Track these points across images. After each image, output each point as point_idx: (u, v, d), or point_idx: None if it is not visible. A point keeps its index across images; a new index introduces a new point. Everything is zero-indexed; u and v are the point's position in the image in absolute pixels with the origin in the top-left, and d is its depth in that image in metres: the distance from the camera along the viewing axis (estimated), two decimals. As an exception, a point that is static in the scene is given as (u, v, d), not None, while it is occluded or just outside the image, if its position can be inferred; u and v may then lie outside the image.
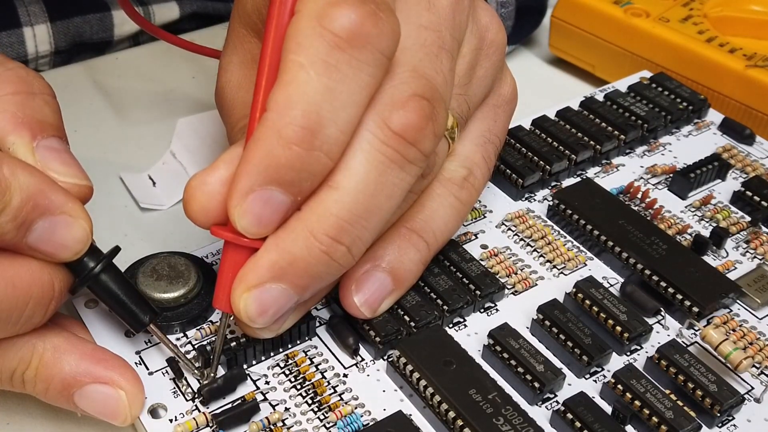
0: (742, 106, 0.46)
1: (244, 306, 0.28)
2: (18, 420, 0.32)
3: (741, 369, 0.32)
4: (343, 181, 0.27)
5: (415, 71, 0.28)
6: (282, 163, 0.26)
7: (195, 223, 0.29)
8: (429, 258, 0.33)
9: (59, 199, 0.27)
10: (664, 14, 0.49)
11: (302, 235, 0.27)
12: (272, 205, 0.27)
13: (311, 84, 0.26)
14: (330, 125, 0.26)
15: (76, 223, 0.28)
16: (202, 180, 0.28)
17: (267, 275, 0.28)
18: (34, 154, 0.28)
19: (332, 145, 0.27)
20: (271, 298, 0.28)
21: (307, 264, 0.27)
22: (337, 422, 0.30)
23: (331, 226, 0.27)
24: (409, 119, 0.28)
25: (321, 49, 0.26)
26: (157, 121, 0.47)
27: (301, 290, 0.28)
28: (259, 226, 0.27)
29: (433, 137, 0.28)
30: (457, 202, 0.34)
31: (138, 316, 0.30)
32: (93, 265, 0.29)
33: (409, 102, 0.28)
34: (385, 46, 0.27)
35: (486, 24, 0.34)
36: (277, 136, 0.26)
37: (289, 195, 0.27)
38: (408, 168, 0.28)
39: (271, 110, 0.26)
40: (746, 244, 0.38)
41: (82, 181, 0.29)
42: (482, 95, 0.35)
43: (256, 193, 0.26)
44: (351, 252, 0.28)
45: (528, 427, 0.29)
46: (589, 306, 0.34)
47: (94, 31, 0.52)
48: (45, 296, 0.28)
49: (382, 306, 0.32)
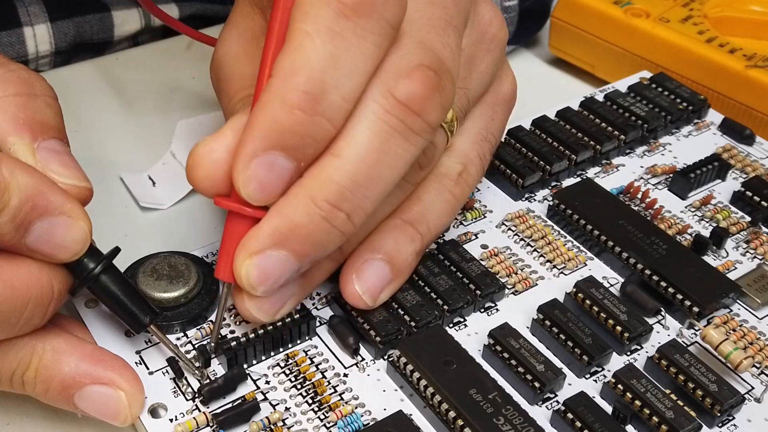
0: (742, 106, 0.46)
1: (245, 273, 0.28)
2: (18, 420, 0.32)
3: (741, 369, 0.32)
4: (345, 148, 0.27)
5: (422, 43, 0.28)
6: (285, 128, 0.26)
7: (199, 190, 0.29)
8: (423, 250, 0.33)
9: (58, 199, 0.27)
10: (664, 14, 0.49)
11: (303, 201, 0.27)
12: (276, 171, 0.27)
13: (316, 51, 0.26)
14: (333, 92, 0.26)
15: (75, 224, 0.28)
16: (209, 147, 0.28)
17: (268, 241, 0.28)
18: (35, 156, 0.28)
19: (335, 112, 0.27)
20: (272, 265, 0.28)
21: (308, 230, 0.28)
22: (337, 422, 0.30)
23: (331, 193, 0.27)
24: (414, 88, 0.28)
25: (327, 17, 0.26)
26: (157, 121, 0.47)
27: (302, 257, 0.28)
28: (263, 193, 0.27)
29: (440, 108, 0.28)
30: (451, 197, 0.34)
31: (138, 317, 0.30)
32: (93, 266, 0.29)
33: (414, 72, 0.28)
34: (390, 16, 0.27)
35: (489, 19, 0.35)
36: (280, 101, 0.26)
37: (293, 161, 0.27)
38: (412, 139, 0.28)
39: (275, 76, 0.26)
40: (746, 244, 0.38)
41: (82, 182, 0.29)
42: (482, 90, 0.35)
43: (260, 158, 0.27)
44: (351, 220, 0.28)
45: (528, 426, 0.29)
46: (590, 306, 0.34)
47: (94, 31, 0.52)
48: (44, 298, 0.28)
49: (382, 295, 0.32)
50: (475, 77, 0.34)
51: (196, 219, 0.41)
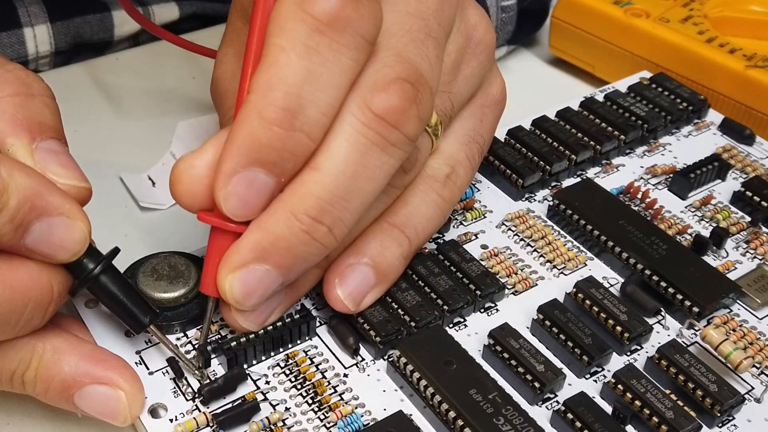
0: (742, 106, 0.46)
1: (229, 287, 0.28)
2: (18, 421, 0.32)
3: (741, 369, 0.32)
4: (324, 162, 0.27)
5: (399, 56, 0.29)
6: (264, 144, 0.26)
7: (181, 205, 0.29)
8: (411, 254, 0.33)
9: (57, 200, 0.27)
10: (664, 14, 0.49)
11: (283, 215, 0.27)
12: (256, 187, 0.27)
13: (291, 66, 0.26)
14: (310, 107, 0.27)
15: (74, 225, 0.28)
16: (189, 163, 0.28)
17: (250, 255, 0.28)
18: (33, 156, 0.28)
19: (313, 127, 0.27)
20: (255, 279, 0.28)
21: (289, 244, 0.28)
22: (337, 422, 0.30)
23: (311, 206, 0.27)
24: (391, 101, 0.28)
25: (302, 33, 0.26)
26: (157, 122, 0.47)
27: (285, 271, 0.28)
28: (244, 209, 0.28)
29: (417, 120, 0.28)
30: (439, 199, 0.34)
31: (138, 317, 0.30)
32: (92, 266, 0.29)
33: (391, 85, 0.28)
34: (365, 31, 0.27)
35: (474, 23, 0.34)
36: (258, 117, 0.26)
37: (273, 176, 0.27)
38: (391, 151, 0.28)
39: (252, 92, 0.27)
40: (746, 245, 0.38)
41: (81, 182, 0.29)
42: (468, 94, 0.35)
43: (240, 174, 0.27)
44: (333, 233, 0.28)
45: (528, 427, 0.29)
46: (590, 306, 0.34)
47: (95, 31, 0.52)
48: (44, 299, 0.28)
49: (366, 300, 0.32)
50: (461, 81, 0.34)
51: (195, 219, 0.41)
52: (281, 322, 0.32)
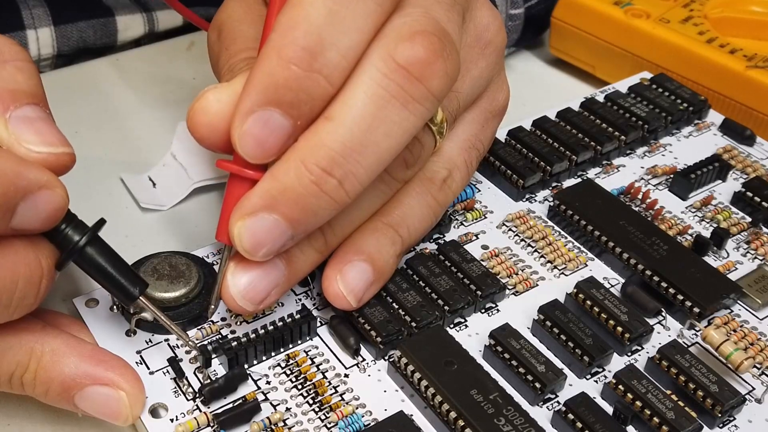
0: (742, 106, 0.46)
1: (238, 234, 0.28)
2: (18, 421, 0.32)
3: (742, 369, 0.32)
4: (339, 112, 0.27)
5: (427, 12, 0.28)
6: (281, 83, 0.26)
7: (195, 136, 0.29)
8: (402, 253, 0.33)
9: (35, 174, 0.26)
10: (665, 15, 0.49)
11: (294, 165, 0.27)
12: (271, 127, 0.27)
13: (315, 6, 0.26)
14: (331, 48, 0.26)
15: (55, 193, 0.27)
16: (216, 97, 0.28)
17: (259, 203, 0.27)
18: (8, 128, 0.27)
19: (332, 69, 0.26)
20: (264, 229, 0.28)
21: (298, 194, 0.27)
22: (338, 422, 0.30)
23: (322, 157, 0.27)
24: (415, 52, 0.27)
25: None
26: (157, 123, 0.47)
27: (294, 223, 0.28)
28: (259, 149, 0.27)
29: (444, 76, 0.28)
30: (433, 202, 0.34)
31: (127, 288, 0.29)
32: (77, 238, 0.28)
33: (417, 36, 0.27)
34: None
35: (486, 24, 0.34)
36: (277, 55, 0.26)
37: (289, 118, 0.27)
38: (412, 107, 0.27)
39: (274, 31, 0.26)
40: (747, 245, 0.38)
41: (58, 148, 0.27)
42: (475, 95, 0.35)
43: (256, 114, 0.26)
44: (343, 187, 0.27)
45: (529, 427, 0.29)
46: (590, 306, 0.34)
47: (98, 36, 0.52)
48: (34, 275, 0.27)
49: (365, 296, 0.32)
50: (468, 81, 0.34)
51: (196, 220, 0.41)
52: (282, 322, 0.32)
